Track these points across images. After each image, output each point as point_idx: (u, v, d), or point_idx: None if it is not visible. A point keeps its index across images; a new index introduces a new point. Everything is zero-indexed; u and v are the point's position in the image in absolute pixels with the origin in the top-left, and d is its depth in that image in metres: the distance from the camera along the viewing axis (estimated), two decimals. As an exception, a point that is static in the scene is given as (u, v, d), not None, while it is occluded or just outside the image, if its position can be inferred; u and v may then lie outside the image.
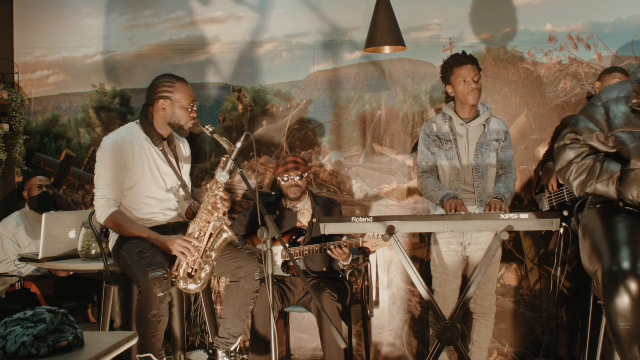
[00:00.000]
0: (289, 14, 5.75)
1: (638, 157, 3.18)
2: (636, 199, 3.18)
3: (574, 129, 3.41)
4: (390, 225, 4.24)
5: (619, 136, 3.26)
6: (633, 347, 3.00)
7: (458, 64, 4.74)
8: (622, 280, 2.93)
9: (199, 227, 4.32)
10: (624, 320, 2.95)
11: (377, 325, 5.66)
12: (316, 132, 5.71)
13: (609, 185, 3.26)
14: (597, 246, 3.19)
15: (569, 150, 3.41)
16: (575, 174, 3.37)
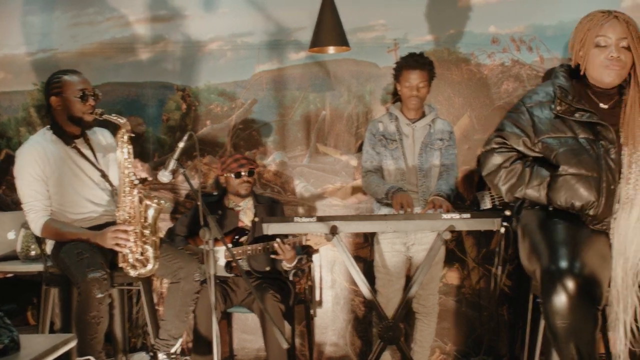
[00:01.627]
0: (234, 13, 5.71)
1: (566, 162, 3.24)
2: (564, 204, 3.24)
3: (501, 134, 3.47)
4: (333, 225, 4.25)
5: (546, 142, 3.32)
6: (570, 344, 3.04)
7: (408, 66, 4.76)
8: (559, 279, 2.98)
9: (125, 211, 4.29)
10: (561, 317, 2.99)
11: (321, 325, 5.66)
12: (260, 131, 5.69)
13: (540, 190, 3.33)
14: (535, 246, 3.23)
15: (496, 154, 3.47)
16: (505, 178, 3.43)
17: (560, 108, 3.32)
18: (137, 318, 5.44)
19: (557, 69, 3.50)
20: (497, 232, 4.39)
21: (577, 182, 3.21)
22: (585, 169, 3.21)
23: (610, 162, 3.21)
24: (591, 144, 3.25)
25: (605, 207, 3.19)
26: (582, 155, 3.23)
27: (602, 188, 3.19)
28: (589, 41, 3.31)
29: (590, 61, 3.32)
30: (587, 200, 3.20)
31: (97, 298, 4.00)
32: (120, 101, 5.68)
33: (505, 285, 5.51)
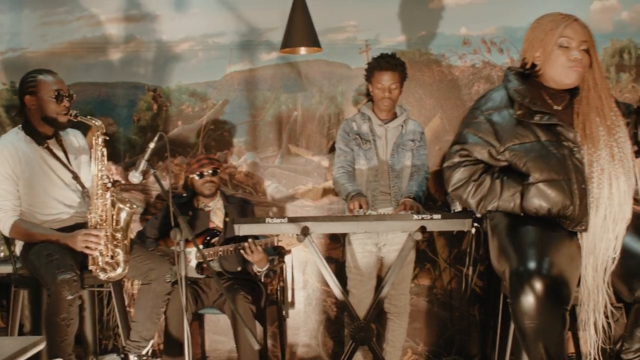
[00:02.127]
0: (206, 13, 5.69)
1: (537, 170, 3.25)
2: (540, 211, 3.26)
3: (464, 146, 3.44)
4: (305, 226, 4.24)
5: (513, 149, 3.32)
6: (538, 344, 3.07)
7: (379, 68, 4.77)
8: (527, 280, 3.00)
9: (97, 214, 4.27)
10: (529, 318, 3.02)
11: (293, 326, 5.65)
12: (232, 132, 5.68)
13: (514, 201, 3.33)
14: (505, 247, 3.25)
15: (462, 169, 3.44)
16: (474, 193, 3.41)
17: (520, 112, 3.31)
18: (107, 320, 5.40)
19: (508, 73, 3.50)
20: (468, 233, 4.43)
21: (550, 188, 3.23)
22: (555, 173, 3.22)
23: (577, 162, 3.23)
24: (555, 146, 3.26)
25: (580, 208, 3.21)
26: (550, 159, 3.24)
27: (574, 189, 3.21)
28: (551, 41, 3.32)
29: (552, 61, 3.33)
30: (563, 204, 3.22)
31: (67, 300, 3.97)
32: (91, 101, 5.64)
33: (477, 286, 5.54)
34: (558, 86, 3.38)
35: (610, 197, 3.20)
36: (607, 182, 3.20)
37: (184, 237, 3.78)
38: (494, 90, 3.54)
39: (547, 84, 3.40)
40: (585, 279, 3.23)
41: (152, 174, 3.93)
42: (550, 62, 3.34)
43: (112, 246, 4.24)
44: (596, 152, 3.24)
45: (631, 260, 3.15)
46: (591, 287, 3.22)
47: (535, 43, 3.38)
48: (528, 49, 3.41)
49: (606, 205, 3.20)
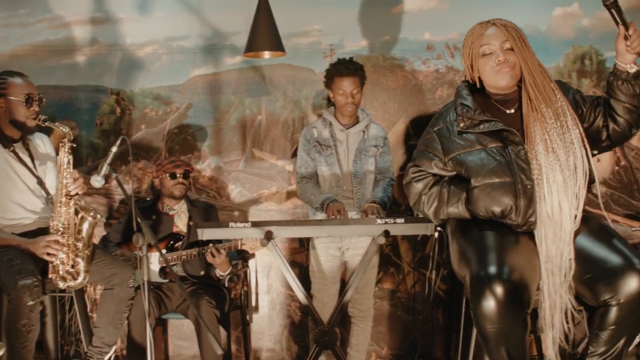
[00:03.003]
0: (170, 16, 5.67)
1: (476, 174, 3.32)
2: (486, 213, 3.30)
3: (415, 162, 3.58)
4: (268, 230, 4.24)
5: (456, 159, 3.41)
6: (500, 348, 3.10)
7: (339, 74, 4.76)
8: (488, 284, 3.02)
9: (60, 222, 4.23)
10: (491, 322, 3.04)
11: (257, 330, 5.64)
12: (195, 136, 5.66)
13: (459, 206, 3.40)
14: (465, 251, 3.28)
15: (415, 183, 3.56)
16: (427, 203, 3.52)
17: (463, 125, 3.40)
18: (69, 325, 5.34)
19: (459, 86, 3.55)
20: (431, 237, 4.45)
21: (492, 190, 3.27)
22: (497, 175, 3.27)
23: (522, 163, 3.26)
24: (500, 152, 3.31)
25: (525, 208, 3.24)
26: (490, 164, 3.29)
27: (518, 190, 3.23)
28: (475, 53, 3.40)
29: (482, 71, 3.41)
30: (506, 205, 3.25)
31: (28, 305, 3.93)
32: (53, 104, 5.58)
33: (440, 289, 5.57)
34: (498, 91, 3.43)
35: (549, 191, 3.23)
36: (545, 177, 3.24)
37: (147, 242, 3.75)
38: (446, 107, 3.64)
39: (492, 91, 3.46)
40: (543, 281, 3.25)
41: (115, 178, 3.90)
42: (482, 72, 3.42)
43: (73, 255, 4.20)
44: (534, 148, 3.28)
45: (594, 265, 3.18)
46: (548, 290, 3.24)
47: (466, 58, 3.46)
48: (465, 64, 3.48)
49: (547, 199, 3.23)
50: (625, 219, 5.66)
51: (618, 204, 5.69)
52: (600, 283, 3.12)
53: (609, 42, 5.60)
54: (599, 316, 3.15)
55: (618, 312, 3.09)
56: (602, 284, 3.11)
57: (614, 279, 3.08)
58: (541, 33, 5.68)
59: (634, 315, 3.10)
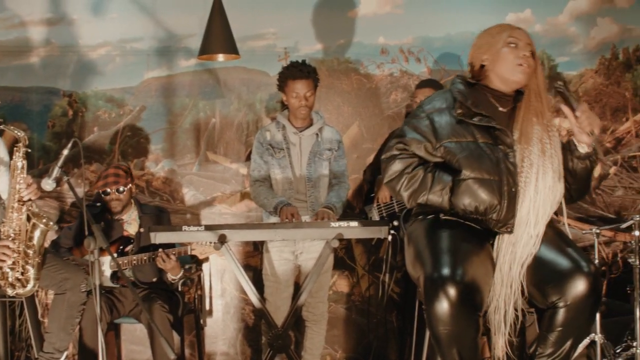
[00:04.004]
0: (123, 18, 5.62)
1: (468, 167, 3.27)
2: (468, 207, 3.27)
3: (402, 140, 3.45)
4: (222, 233, 4.22)
5: (447, 146, 3.34)
6: (452, 350, 3.11)
7: (292, 77, 4.74)
8: (441, 286, 3.03)
9: (11, 227, 4.16)
10: (443, 324, 3.06)
11: (211, 334, 5.62)
12: (149, 139, 5.62)
13: (442, 195, 3.33)
14: (420, 253, 3.28)
15: (398, 161, 3.43)
16: (407, 185, 3.40)
17: (460, 111, 3.34)
18: (20, 331, 5.27)
19: (455, 79, 3.54)
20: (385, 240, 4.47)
21: (480, 186, 3.25)
22: (487, 172, 3.26)
23: (510, 165, 3.28)
24: (491, 149, 3.30)
25: (507, 210, 3.25)
26: (483, 159, 3.27)
27: (504, 191, 3.24)
28: (500, 41, 3.36)
29: (501, 59, 3.35)
30: (490, 203, 3.25)
31: (-24, 311, 3.87)
32: (4, 106, 5.50)
33: (394, 292, 5.60)
34: (505, 86, 3.41)
35: (536, 191, 3.26)
36: (535, 177, 3.26)
37: (98, 246, 3.72)
38: (440, 92, 3.59)
39: (493, 85, 3.43)
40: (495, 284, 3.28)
41: (66, 182, 3.85)
42: (500, 61, 3.37)
43: (23, 262, 4.14)
44: (528, 148, 3.30)
45: (544, 268, 3.21)
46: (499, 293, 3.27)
47: (483, 46, 3.42)
48: (475, 53, 3.44)
49: (531, 198, 3.26)
50: (576, 222, 5.74)
51: (569, 207, 5.74)
52: (549, 285, 3.16)
53: (560, 47, 5.73)
54: (547, 318, 3.19)
55: (565, 314, 3.13)
56: (551, 286, 3.15)
57: (562, 281, 3.12)
58: (494, 38, 5.73)
59: (581, 317, 3.14)
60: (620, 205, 5.83)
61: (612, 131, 5.84)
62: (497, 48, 3.37)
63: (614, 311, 5.28)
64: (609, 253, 5.78)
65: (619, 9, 5.87)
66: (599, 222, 5.66)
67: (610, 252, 5.79)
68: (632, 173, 5.85)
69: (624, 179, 5.84)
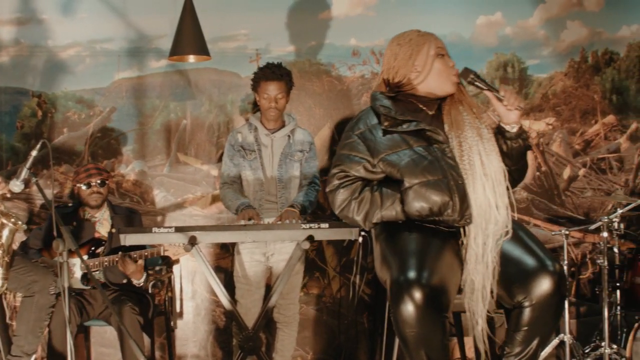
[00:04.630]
0: (93, 18, 5.59)
1: (410, 174, 3.29)
2: (422, 212, 3.29)
3: (341, 167, 3.46)
4: (192, 235, 4.21)
5: (386, 159, 3.36)
6: (420, 352, 3.12)
7: (265, 78, 4.75)
8: (407, 289, 3.04)
9: None
10: (410, 326, 3.06)
11: (181, 336, 5.60)
12: (119, 140, 5.59)
13: (395, 208, 3.35)
14: (387, 256, 3.30)
15: (342, 189, 3.44)
16: (358, 209, 3.41)
17: (387, 123, 3.37)
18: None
19: (374, 94, 3.53)
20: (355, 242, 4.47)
21: (427, 189, 3.26)
22: (430, 174, 3.27)
23: (449, 160, 3.29)
24: (427, 150, 3.32)
25: (461, 203, 3.26)
26: (422, 163, 3.29)
27: (451, 186, 3.25)
28: (430, 52, 3.40)
29: (434, 73, 3.39)
30: (442, 202, 3.26)
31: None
32: (-28, 107, 5.47)
33: (365, 294, 5.61)
34: (433, 94, 3.45)
35: (484, 173, 3.27)
36: (478, 159, 3.28)
37: (67, 248, 3.69)
38: (363, 112, 3.59)
39: (420, 93, 3.46)
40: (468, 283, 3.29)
41: (35, 183, 3.82)
42: (433, 74, 3.40)
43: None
44: (462, 133, 3.32)
45: (510, 267, 3.23)
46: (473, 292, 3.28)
47: (409, 56, 3.43)
48: (403, 64, 3.44)
49: (482, 181, 3.27)
50: (545, 223, 5.78)
51: (539, 209, 5.81)
52: (514, 284, 3.18)
53: (530, 50, 5.79)
54: (514, 317, 3.22)
55: (531, 313, 3.16)
56: (517, 286, 3.17)
57: (528, 280, 3.14)
58: (465, 40, 5.78)
59: (547, 315, 3.17)
60: (589, 206, 5.89)
61: (581, 133, 5.89)
62: (427, 59, 3.40)
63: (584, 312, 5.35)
64: (578, 254, 5.83)
65: (588, 13, 5.93)
66: (568, 224, 5.71)
67: (579, 253, 5.84)
68: (600, 175, 5.91)
69: (592, 181, 5.90)
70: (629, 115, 5.94)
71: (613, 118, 5.93)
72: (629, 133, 5.93)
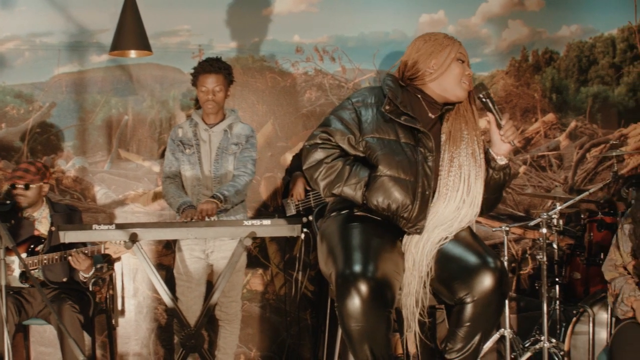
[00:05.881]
0: (33, 11, 5.49)
1: (385, 164, 3.29)
2: (380, 204, 3.29)
3: (326, 129, 3.44)
4: (133, 232, 4.19)
5: (369, 141, 3.35)
6: (364, 346, 3.13)
7: (204, 71, 4.75)
8: (353, 283, 3.05)
9: None
10: (355, 320, 3.07)
11: (123, 334, 5.54)
12: (59, 136, 5.51)
13: (356, 189, 3.34)
14: (332, 250, 3.30)
15: (320, 149, 3.42)
16: (324, 174, 3.40)
17: (388, 107, 3.36)
18: None
19: (386, 76, 3.55)
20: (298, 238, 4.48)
21: (394, 184, 3.27)
22: (403, 172, 3.28)
23: (427, 169, 3.31)
24: (411, 149, 3.33)
25: (419, 211, 3.28)
26: (401, 158, 3.29)
27: (418, 192, 3.27)
28: (451, 54, 3.40)
29: (448, 72, 3.39)
30: (403, 203, 3.27)
31: None
32: None
33: (308, 290, 5.62)
34: (441, 96, 3.45)
35: (467, 194, 3.31)
36: (466, 180, 3.31)
37: (5, 245, 3.63)
38: (370, 87, 3.62)
39: (428, 91, 3.46)
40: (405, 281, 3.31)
41: (-30, 179, 3.75)
42: (447, 73, 3.40)
43: None
44: (457, 150, 3.35)
45: (452, 264, 3.26)
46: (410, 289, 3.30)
47: (432, 53, 3.43)
48: (421, 58, 3.44)
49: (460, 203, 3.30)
50: (486, 220, 5.86)
51: (480, 206, 5.87)
52: (456, 281, 3.21)
53: (472, 48, 5.83)
54: (455, 313, 3.24)
55: (473, 309, 3.18)
56: (458, 282, 3.20)
57: (469, 277, 3.17)
58: (408, 38, 5.80)
59: (488, 311, 3.20)
60: (530, 203, 5.97)
61: (521, 131, 5.97)
62: (446, 60, 3.41)
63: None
64: (518, 250, 5.91)
65: (529, 12, 6.02)
66: (509, 220, 5.79)
67: (519, 249, 5.92)
68: (540, 172, 6.00)
69: (533, 178, 5.99)
70: (568, 114, 6.04)
71: (553, 116, 6.03)
72: (568, 131, 6.03)
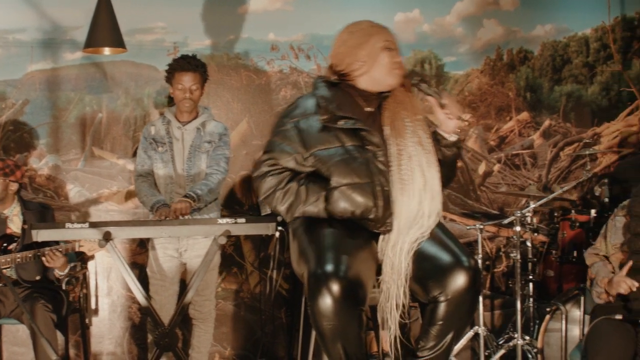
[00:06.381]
0: (5, 7, 5.45)
1: (339, 174, 3.29)
2: (344, 214, 3.29)
3: (271, 155, 3.43)
4: (107, 231, 4.17)
5: (317, 154, 3.34)
6: (336, 345, 3.13)
7: (180, 69, 4.72)
8: (325, 282, 3.05)
9: None
10: (327, 320, 3.07)
11: (97, 334, 5.51)
12: (32, 134, 5.47)
13: (318, 205, 3.34)
14: (304, 250, 3.30)
15: (269, 177, 3.42)
16: (282, 200, 3.39)
17: (325, 117, 3.34)
18: None
19: (317, 81, 3.54)
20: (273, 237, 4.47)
21: (353, 191, 3.27)
22: (358, 176, 3.28)
23: (380, 165, 3.30)
24: (359, 151, 3.32)
25: (384, 210, 3.28)
26: (352, 164, 3.29)
27: (377, 192, 3.27)
28: (377, 44, 3.37)
29: (378, 63, 3.36)
30: (366, 206, 3.27)
31: None
32: None
33: (283, 288, 5.62)
34: (375, 88, 3.43)
35: (425, 185, 3.30)
36: (419, 169, 3.30)
37: (-24, 244, 3.61)
38: (303, 97, 3.56)
39: (361, 86, 3.44)
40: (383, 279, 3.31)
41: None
42: (377, 64, 3.37)
43: None
44: (403, 141, 3.33)
45: (426, 263, 3.26)
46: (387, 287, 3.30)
47: (359, 47, 3.41)
48: (349, 53, 3.42)
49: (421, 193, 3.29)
50: (461, 218, 5.88)
51: (455, 204, 5.91)
52: (430, 280, 3.21)
53: (447, 47, 5.88)
54: (429, 312, 3.25)
55: (446, 307, 3.19)
56: (432, 281, 3.20)
57: (443, 275, 3.18)
58: (383, 37, 5.82)
59: (461, 310, 3.21)
60: (504, 201, 6.01)
61: (496, 130, 6.01)
62: (374, 51, 3.39)
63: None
64: (492, 248, 5.95)
65: (504, 11, 6.05)
66: (483, 218, 5.82)
67: (493, 247, 5.96)
68: (515, 170, 6.04)
69: (507, 177, 6.03)
70: (542, 113, 6.09)
71: (527, 115, 6.07)
72: (542, 130, 6.07)
